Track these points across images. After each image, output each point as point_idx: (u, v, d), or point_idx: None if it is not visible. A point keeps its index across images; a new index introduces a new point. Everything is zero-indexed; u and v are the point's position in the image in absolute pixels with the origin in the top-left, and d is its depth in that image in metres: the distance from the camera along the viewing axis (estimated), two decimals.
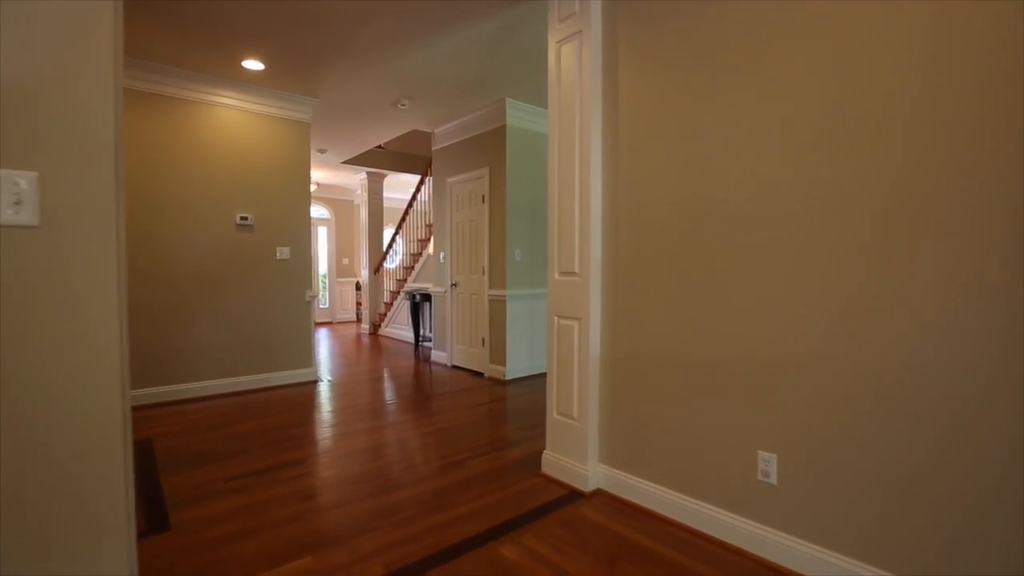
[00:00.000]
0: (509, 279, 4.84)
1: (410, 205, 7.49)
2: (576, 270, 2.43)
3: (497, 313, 4.92)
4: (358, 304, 10.08)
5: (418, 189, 7.28)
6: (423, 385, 4.70)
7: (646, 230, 2.24)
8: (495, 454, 2.94)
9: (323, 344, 7.33)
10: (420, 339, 6.85)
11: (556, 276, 2.55)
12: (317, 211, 9.97)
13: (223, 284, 4.28)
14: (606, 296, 2.40)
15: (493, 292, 4.93)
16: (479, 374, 5.15)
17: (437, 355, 5.83)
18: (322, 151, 6.83)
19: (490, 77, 4.21)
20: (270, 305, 4.53)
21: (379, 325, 8.27)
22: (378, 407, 3.93)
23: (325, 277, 10.03)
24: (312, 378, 4.79)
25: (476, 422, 3.55)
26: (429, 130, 5.80)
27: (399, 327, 7.74)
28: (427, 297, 6.37)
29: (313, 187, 8.42)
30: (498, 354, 4.93)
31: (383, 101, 4.81)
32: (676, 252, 2.13)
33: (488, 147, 5.00)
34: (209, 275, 4.22)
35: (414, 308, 6.63)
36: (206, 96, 4.18)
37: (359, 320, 10.04)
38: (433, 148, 5.82)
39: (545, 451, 2.65)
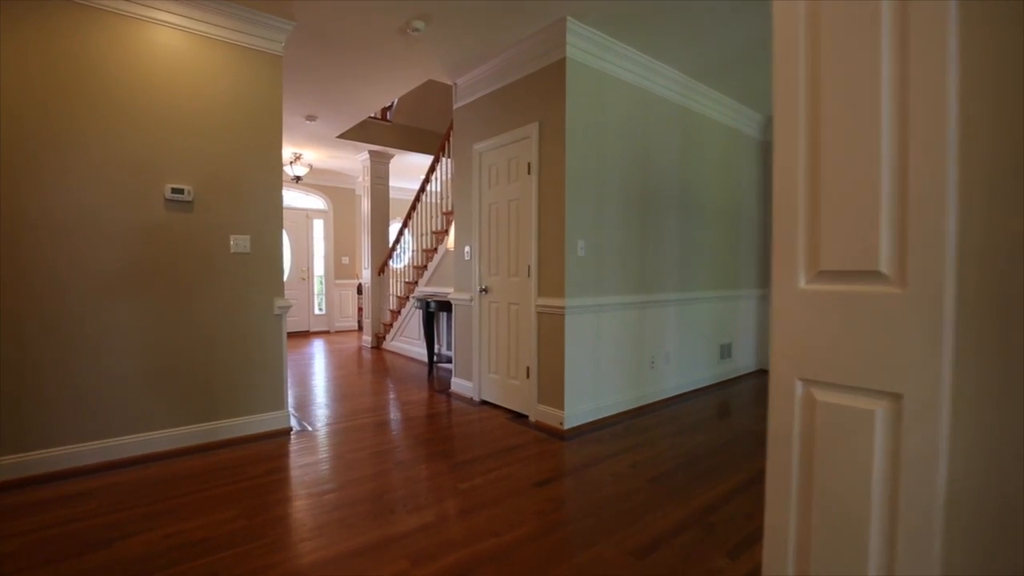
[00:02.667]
0: (570, 283, 3.34)
1: (422, 189, 6.02)
2: (883, 268, 0.93)
3: (551, 332, 3.42)
4: (359, 310, 8.63)
5: (432, 169, 5.80)
6: (445, 439, 3.21)
7: None
8: None
9: (314, 362, 5.87)
10: (435, 358, 5.36)
11: (802, 284, 1.04)
12: (312, 201, 8.52)
13: (139, 288, 2.81)
14: (984, 342, 0.88)
15: (544, 302, 3.43)
16: (521, 417, 3.65)
17: (459, 384, 4.34)
18: (311, 119, 5.37)
19: None
20: (216, 320, 3.06)
21: (383, 337, 6.79)
22: (376, 491, 2.44)
23: (322, 279, 8.59)
24: (282, 426, 3.31)
25: (546, 531, 2.05)
26: (449, 81, 4.32)
27: (408, 341, 6.27)
28: (445, 306, 4.89)
29: (305, 170, 6.98)
30: (552, 391, 3.43)
31: (387, 26, 3.33)
32: None
33: (538, 94, 3.51)
34: (116, 273, 2.75)
35: (428, 320, 5.15)
36: (119, 4, 2.72)
37: (360, 329, 8.59)
38: (455, 106, 4.34)
39: None
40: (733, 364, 5.05)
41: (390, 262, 6.76)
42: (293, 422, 3.49)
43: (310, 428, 3.39)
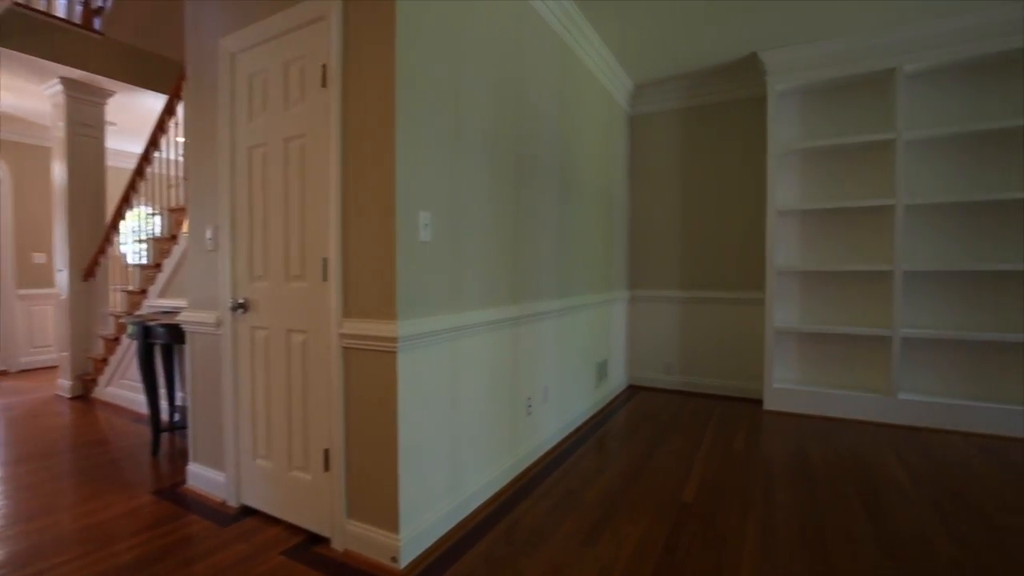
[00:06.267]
0: (405, 292, 1.78)
1: (153, 142, 3.75)
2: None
3: (370, 383, 1.80)
4: None
5: (170, 112, 3.62)
6: None
7: None
8: None
9: None
10: (169, 421, 3.25)
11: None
12: None
13: None
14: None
15: (356, 328, 1.80)
16: (317, 541, 1.96)
17: (202, 476, 2.41)
18: None
19: None
20: None
21: (94, 381, 4.25)
22: None
23: None
24: None
25: None
26: None
27: (135, 387, 3.91)
28: (178, 334, 2.84)
29: None
30: (373, 493, 1.82)
31: None
32: None
33: None
34: None
35: (147, 356, 2.97)
36: None
37: None
38: None
39: None
40: (608, 385, 4.03)
41: (104, 258, 4.25)
42: None
43: None
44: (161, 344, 3.16)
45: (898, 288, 3.28)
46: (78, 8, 4.04)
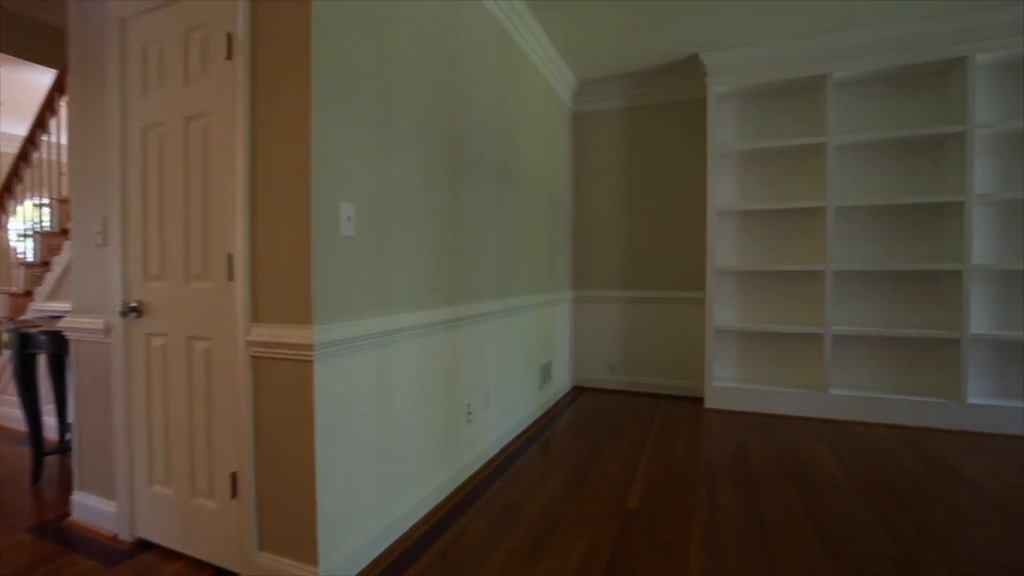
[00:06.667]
0: (323, 293, 1.58)
1: (40, 123, 3.30)
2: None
3: (282, 397, 1.59)
4: None
5: (60, 90, 3.19)
6: None
7: None
8: None
9: None
10: (60, 442, 2.85)
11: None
12: None
13: None
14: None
15: (266, 335, 1.58)
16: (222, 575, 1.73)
17: (90, 508, 2.09)
18: None
19: None
20: None
21: None
22: None
23: None
24: None
25: None
26: None
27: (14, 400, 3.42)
28: (66, 342, 2.47)
29: None
30: (288, 520, 1.61)
31: None
32: None
33: None
34: None
35: (24, 368, 2.57)
36: None
37: None
38: None
39: None
40: (553, 388, 3.95)
41: None
42: None
43: None
44: (49, 354, 2.76)
45: (829, 287, 3.39)
46: None
